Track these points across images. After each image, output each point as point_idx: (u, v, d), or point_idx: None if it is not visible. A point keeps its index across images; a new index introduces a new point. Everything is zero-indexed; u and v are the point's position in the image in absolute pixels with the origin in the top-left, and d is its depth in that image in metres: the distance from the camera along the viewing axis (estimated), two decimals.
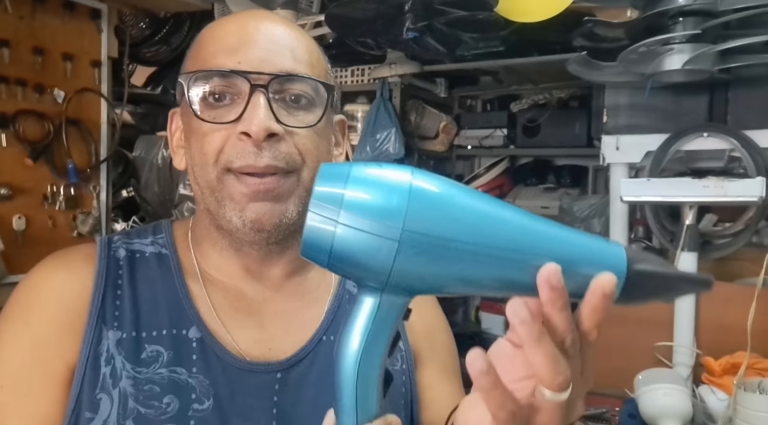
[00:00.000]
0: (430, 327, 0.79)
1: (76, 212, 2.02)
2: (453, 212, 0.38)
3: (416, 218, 0.37)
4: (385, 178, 0.38)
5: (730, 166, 1.65)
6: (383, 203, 0.37)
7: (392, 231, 0.37)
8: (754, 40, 1.37)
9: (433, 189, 0.38)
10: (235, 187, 0.64)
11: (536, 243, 0.39)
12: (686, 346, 1.57)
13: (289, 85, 0.65)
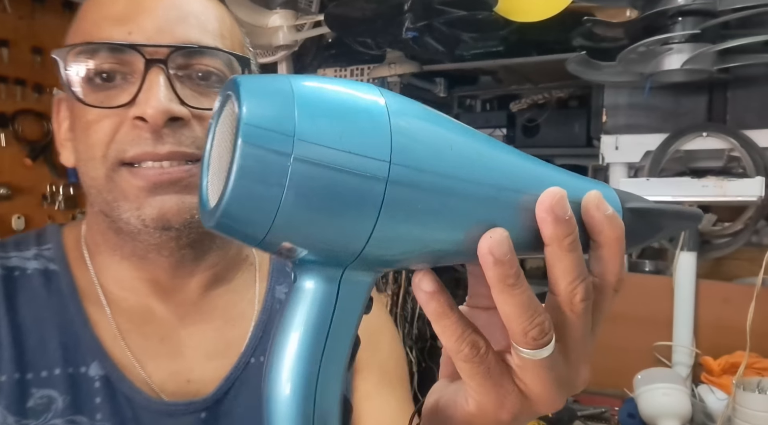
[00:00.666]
0: (372, 327, 0.65)
1: (75, 212, 2.02)
2: (442, 142, 0.28)
3: (403, 148, 0.26)
4: (348, 96, 0.27)
5: (730, 165, 1.65)
6: (356, 127, 0.25)
7: (376, 167, 0.25)
8: (754, 40, 1.37)
9: (411, 110, 0.29)
10: (128, 182, 0.51)
11: (534, 180, 0.31)
12: (685, 346, 1.57)
13: (195, 60, 0.53)
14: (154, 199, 0.52)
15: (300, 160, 0.24)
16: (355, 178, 0.25)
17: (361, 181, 0.25)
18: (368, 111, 0.27)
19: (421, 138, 0.27)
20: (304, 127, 0.24)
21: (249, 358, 0.60)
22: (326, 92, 0.27)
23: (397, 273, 2.55)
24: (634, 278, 1.75)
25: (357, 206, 0.25)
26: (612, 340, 1.61)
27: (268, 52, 2.29)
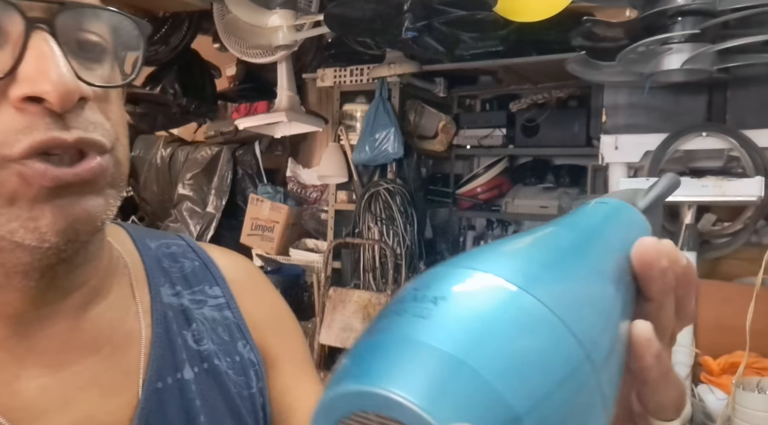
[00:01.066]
0: (275, 313, 0.60)
1: None
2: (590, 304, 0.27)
3: (588, 338, 0.25)
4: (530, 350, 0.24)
5: (729, 165, 1.65)
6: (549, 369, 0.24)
7: (584, 370, 0.25)
8: (753, 40, 1.37)
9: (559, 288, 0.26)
10: (18, 184, 0.38)
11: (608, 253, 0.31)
12: (685, 346, 1.57)
13: (85, 24, 0.41)
14: (59, 203, 0.39)
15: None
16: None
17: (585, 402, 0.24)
18: (549, 344, 0.24)
19: (585, 313, 0.26)
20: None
21: (156, 383, 0.48)
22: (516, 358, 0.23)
23: (397, 273, 2.56)
24: None
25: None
26: None
27: (267, 52, 2.29)
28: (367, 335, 0.24)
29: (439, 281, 0.25)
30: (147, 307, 0.51)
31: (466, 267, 0.25)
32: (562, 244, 0.29)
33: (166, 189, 3.32)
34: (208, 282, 0.56)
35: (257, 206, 3.02)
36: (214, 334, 0.53)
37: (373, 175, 2.69)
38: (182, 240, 0.59)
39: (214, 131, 3.40)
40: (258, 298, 0.59)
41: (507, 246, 0.28)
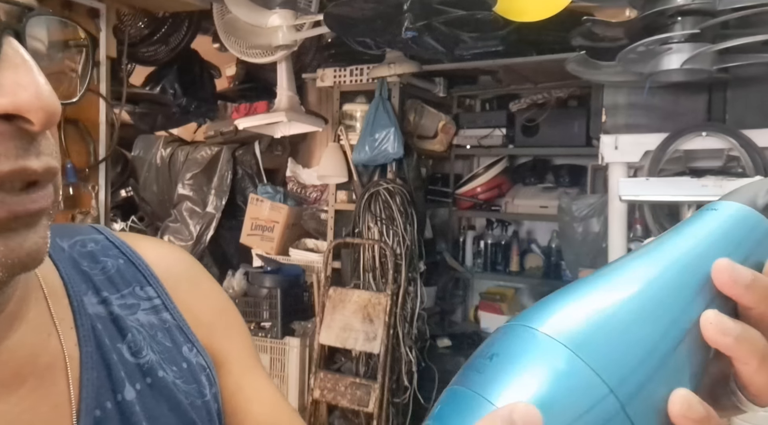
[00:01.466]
0: (218, 307, 0.55)
1: (74, 212, 2.02)
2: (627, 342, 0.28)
3: (616, 377, 0.27)
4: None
5: (729, 165, 1.65)
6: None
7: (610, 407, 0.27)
8: (753, 40, 1.37)
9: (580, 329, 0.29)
10: None
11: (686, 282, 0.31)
12: None
13: (47, 33, 0.37)
14: (10, 236, 0.34)
15: None
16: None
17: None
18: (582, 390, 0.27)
19: (612, 354, 0.28)
20: None
21: (94, 411, 0.42)
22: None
23: (397, 273, 2.56)
24: None
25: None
26: None
27: (267, 52, 2.29)
28: (455, 379, 0.29)
29: (499, 338, 0.29)
30: (70, 323, 0.44)
31: (521, 325, 0.29)
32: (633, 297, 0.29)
33: (166, 189, 3.32)
34: (138, 282, 0.49)
35: (257, 206, 3.02)
36: (153, 342, 0.47)
37: (372, 175, 2.69)
38: (99, 234, 0.50)
39: (214, 131, 3.40)
40: (197, 293, 0.53)
41: (567, 299, 0.30)
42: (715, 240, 0.31)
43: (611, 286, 0.30)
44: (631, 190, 1.59)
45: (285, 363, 2.69)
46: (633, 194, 1.59)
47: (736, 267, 0.29)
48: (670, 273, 0.30)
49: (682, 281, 0.30)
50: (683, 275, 0.30)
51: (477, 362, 0.28)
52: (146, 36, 2.71)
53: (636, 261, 0.31)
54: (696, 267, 0.30)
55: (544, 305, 0.30)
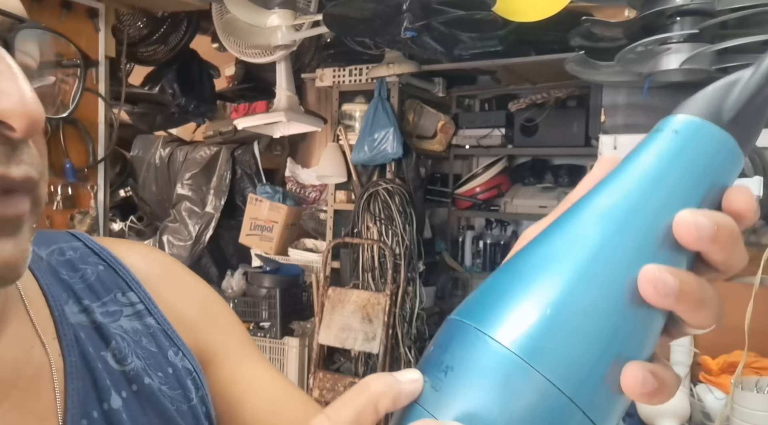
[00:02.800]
0: (202, 303, 0.54)
1: (73, 212, 2.01)
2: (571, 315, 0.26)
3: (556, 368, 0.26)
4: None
5: None
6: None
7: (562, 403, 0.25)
8: (752, 40, 1.37)
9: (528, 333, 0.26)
10: None
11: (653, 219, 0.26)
12: (684, 345, 1.58)
13: (37, 47, 0.37)
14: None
15: None
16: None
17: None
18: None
19: (558, 348, 0.26)
20: None
21: (80, 421, 0.42)
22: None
23: (396, 273, 2.56)
24: None
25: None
26: None
27: (266, 52, 2.29)
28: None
29: (453, 345, 0.27)
30: (52, 333, 0.43)
31: (473, 328, 0.27)
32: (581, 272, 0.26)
33: (165, 189, 3.31)
34: (120, 288, 0.48)
35: (256, 206, 3.02)
36: (138, 348, 0.46)
37: (372, 175, 2.69)
38: (77, 241, 0.50)
39: (213, 131, 3.40)
40: (179, 291, 0.52)
41: (514, 288, 0.27)
42: (674, 180, 0.26)
43: (559, 265, 0.26)
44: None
45: (284, 363, 2.69)
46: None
47: (699, 220, 0.25)
48: (624, 237, 0.26)
49: (637, 243, 0.26)
50: (637, 236, 0.26)
51: (432, 373, 0.27)
52: (145, 36, 2.71)
53: (584, 220, 0.27)
54: (654, 223, 0.26)
55: (491, 296, 0.27)
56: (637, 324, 0.26)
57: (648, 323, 0.27)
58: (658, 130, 0.28)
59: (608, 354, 0.26)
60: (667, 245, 0.26)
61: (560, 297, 0.26)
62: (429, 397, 0.26)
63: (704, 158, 0.27)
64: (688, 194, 0.27)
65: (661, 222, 0.26)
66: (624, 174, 0.27)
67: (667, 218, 0.26)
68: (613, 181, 0.27)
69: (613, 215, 0.27)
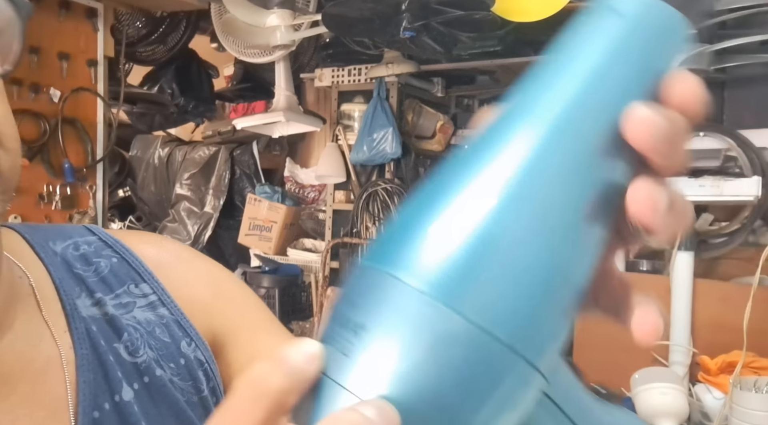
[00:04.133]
0: (214, 286, 0.53)
1: (72, 212, 2.01)
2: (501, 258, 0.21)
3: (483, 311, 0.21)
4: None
5: (726, 165, 1.66)
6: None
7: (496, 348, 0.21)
8: (750, 40, 1.37)
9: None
10: None
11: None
12: (682, 345, 1.58)
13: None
14: None
15: None
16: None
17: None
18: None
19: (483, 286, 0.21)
20: None
21: (92, 413, 0.41)
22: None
23: None
24: (631, 277, 1.75)
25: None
26: (609, 340, 1.61)
27: (265, 52, 2.29)
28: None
29: (363, 297, 0.22)
30: (63, 327, 0.43)
31: (385, 272, 0.21)
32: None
33: (164, 189, 3.31)
34: (132, 279, 0.48)
35: (255, 206, 3.02)
36: (151, 338, 0.46)
37: (371, 175, 2.69)
38: (92, 235, 0.50)
39: (212, 131, 3.39)
40: (190, 276, 0.52)
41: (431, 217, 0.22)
42: (619, 71, 0.22)
43: (485, 183, 0.22)
44: None
45: None
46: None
47: (654, 118, 0.22)
48: (562, 144, 0.22)
49: (578, 149, 0.22)
50: (579, 142, 0.22)
51: (340, 334, 0.22)
52: (144, 35, 2.70)
53: (514, 130, 0.22)
54: (598, 123, 0.22)
55: (406, 230, 0.22)
56: (579, 245, 0.22)
57: (590, 240, 0.22)
58: (604, 9, 0.23)
59: (550, 285, 0.21)
60: (612, 148, 0.22)
61: (488, 224, 0.21)
62: (339, 366, 0.21)
63: (652, 42, 0.23)
64: (634, 86, 0.22)
65: (606, 121, 0.22)
66: (560, 72, 0.23)
67: (613, 116, 0.22)
68: (546, 82, 0.23)
69: (550, 119, 0.22)
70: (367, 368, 0.21)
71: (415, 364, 0.20)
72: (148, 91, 3.03)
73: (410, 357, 0.20)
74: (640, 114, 0.22)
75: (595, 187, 0.22)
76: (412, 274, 0.21)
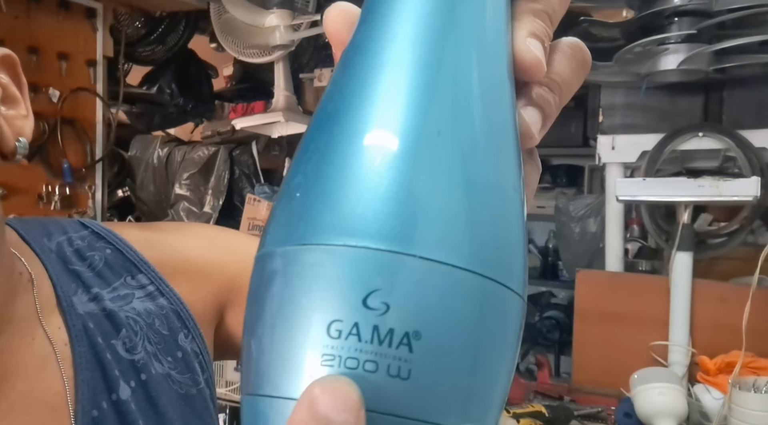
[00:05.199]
0: (203, 244, 0.53)
1: (71, 212, 2.01)
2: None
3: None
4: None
5: (725, 165, 1.66)
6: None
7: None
8: (749, 40, 1.37)
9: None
10: None
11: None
12: (681, 345, 1.58)
13: None
14: None
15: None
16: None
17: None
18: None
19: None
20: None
21: (91, 411, 0.41)
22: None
23: None
24: (630, 278, 1.76)
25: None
26: (608, 340, 1.61)
27: (264, 52, 2.29)
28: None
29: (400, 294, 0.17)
30: (61, 324, 0.43)
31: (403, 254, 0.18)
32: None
33: (163, 189, 3.31)
34: (129, 271, 0.48)
35: (254, 206, 3.02)
36: (150, 331, 0.46)
37: None
38: (85, 229, 0.49)
39: (211, 131, 3.39)
40: (179, 246, 0.51)
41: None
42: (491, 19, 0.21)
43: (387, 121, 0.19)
44: (628, 191, 1.60)
45: None
46: (630, 194, 1.59)
47: (539, 50, 0.22)
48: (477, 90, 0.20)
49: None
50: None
51: (377, 353, 0.17)
52: (143, 36, 2.70)
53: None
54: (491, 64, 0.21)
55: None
56: (512, 153, 0.20)
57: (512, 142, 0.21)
58: None
59: (493, 206, 0.19)
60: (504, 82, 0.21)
61: (405, 159, 0.18)
62: (397, 394, 0.17)
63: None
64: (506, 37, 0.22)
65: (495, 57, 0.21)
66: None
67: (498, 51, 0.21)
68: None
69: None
70: (439, 386, 0.17)
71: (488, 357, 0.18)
72: (147, 91, 3.03)
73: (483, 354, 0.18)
74: (528, 44, 0.22)
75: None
76: (452, 253, 0.18)
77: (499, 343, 0.19)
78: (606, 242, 1.83)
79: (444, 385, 0.17)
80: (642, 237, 1.95)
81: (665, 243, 1.67)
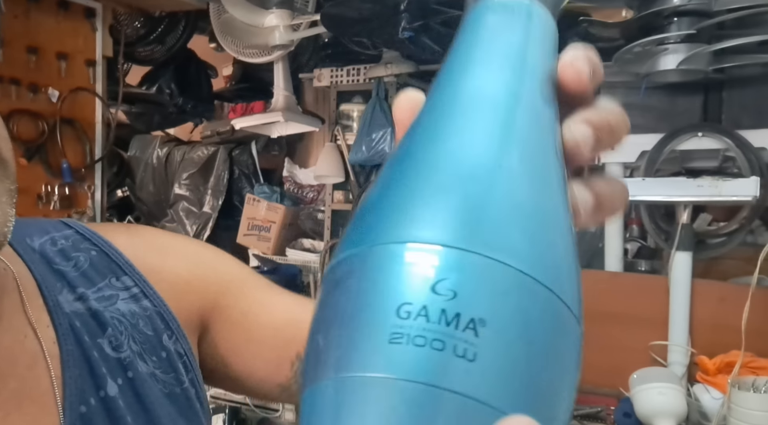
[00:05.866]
0: (192, 261, 0.53)
1: (71, 212, 2.01)
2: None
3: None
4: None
5: (725, 165, 1.66)
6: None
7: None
8: (749, 40, 1.38)
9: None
10: None
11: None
12: (681, 345, 1.58)
13: None
14: None
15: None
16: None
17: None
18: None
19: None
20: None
21: (79, 407, 0.42)
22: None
23: None
24: (630, 278, 1.76)
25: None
26: (608, 340, 1.61)
27: (264, 52, 2.28)
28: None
29: (470, 288, 0.19)
30: (46, 322, 0.44)
31: (497, 262, 0.20)
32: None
33: (163, 189, 3.31)
34: (113, 272, 0.48)
35: (254, 206, 3.02)
36: (135, 331, 0.47)
37: (370, 175, 2.69)
38: (69, 229, 0.50)
39: (211, 131, 3.39)
40: (168, 261, 0.52)
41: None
42: (532, 65, 0.27)
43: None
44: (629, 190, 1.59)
45: None
46: (629, 194, 1.59)
47: (583, 68, 0.28)
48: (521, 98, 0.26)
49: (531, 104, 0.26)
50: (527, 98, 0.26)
51: (446, 334, 0.18)
52: (143, 35, 2.70)
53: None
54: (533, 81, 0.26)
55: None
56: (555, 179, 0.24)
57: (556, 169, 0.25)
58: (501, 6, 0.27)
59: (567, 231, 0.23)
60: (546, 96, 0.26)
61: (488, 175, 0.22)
62: (462, 374, 0.18)
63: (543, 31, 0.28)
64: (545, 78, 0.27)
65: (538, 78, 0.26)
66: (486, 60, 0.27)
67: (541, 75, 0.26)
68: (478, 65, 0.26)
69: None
70: (503, 371, 0.18)
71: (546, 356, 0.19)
72: (147, 91, 3.03)
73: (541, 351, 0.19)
74: (572, 56, 0.27)
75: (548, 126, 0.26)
76: (519, 259, 0.20)
77: (558, 352, 0.20)
78: (605, 242, 1.83)
79: (508, 373, 0.19)
80: (641, 237, 1.95)
81: (665, 243, 1.67)
